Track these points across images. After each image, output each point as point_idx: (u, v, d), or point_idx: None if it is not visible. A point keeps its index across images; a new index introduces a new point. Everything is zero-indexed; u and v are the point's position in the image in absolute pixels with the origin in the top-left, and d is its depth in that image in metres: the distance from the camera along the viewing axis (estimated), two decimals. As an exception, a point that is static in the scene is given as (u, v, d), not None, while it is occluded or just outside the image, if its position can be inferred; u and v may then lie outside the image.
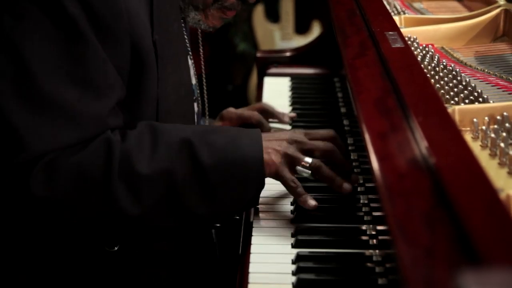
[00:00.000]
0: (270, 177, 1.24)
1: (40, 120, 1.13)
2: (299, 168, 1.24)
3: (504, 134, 1.08)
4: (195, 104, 1.48)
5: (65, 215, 1.17)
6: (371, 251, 1.14)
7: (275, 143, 1.25)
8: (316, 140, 1.29)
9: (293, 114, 1.73)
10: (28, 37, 1.14)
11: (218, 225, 1.44)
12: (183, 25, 1.40)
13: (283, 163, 1.24)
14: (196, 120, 1.47)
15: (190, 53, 1.46)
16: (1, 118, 1.13)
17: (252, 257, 1.16)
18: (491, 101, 1.21)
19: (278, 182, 1.26)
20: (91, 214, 1.17)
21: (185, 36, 1.42)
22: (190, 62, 1.46)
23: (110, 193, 1.15)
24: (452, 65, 1.41)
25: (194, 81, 1.48)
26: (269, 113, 1.69)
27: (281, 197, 1.33)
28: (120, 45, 1.20)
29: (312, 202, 1.22)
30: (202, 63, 1.60)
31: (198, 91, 1.53)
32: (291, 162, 1.24)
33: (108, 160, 1.15)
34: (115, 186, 1.14)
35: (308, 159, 1.25)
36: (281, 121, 1.70)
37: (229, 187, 1.20)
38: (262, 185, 1.23)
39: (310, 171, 1.24)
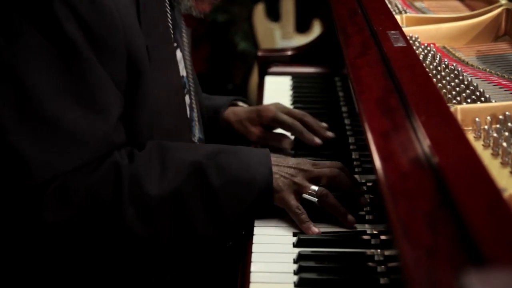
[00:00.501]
0: (275, 202, 1.24)
1: (46, 144, 1.13)
2: (305, 196, 1.24)
3: (506, 133, 1.08)
4: (187, 96, 1.47)
5: (75, 238, 1.18)
6: (372, 250, 1.14)
7: (284, 169, 1.25)
8: (323, 168, 1.27)
9: (331, 134, 1.56)
10: (25, 58, 1.12)
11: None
12: (169, 14, 1.37)
13: (290, 190, 1.24)
14: (188, 112, 1.46)
15: (179, 46, 1.44)
16: (7, 144, 1.12)
17: (254, 256, 1.16)
18: (493, 101, 1.21)
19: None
20: (100, 237, 1.18)
21: (178, 28, 1.38)
22: (179, 55, 1.44)
23: (120, 216, 1.15)
24: (454, 64, 1.40)
25: (184, 73, 1.46)
26: (308, 127, 1.55)
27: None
28: (117, 59, 1.19)
29: (314, 230, 1.21)
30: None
31: (191, 83, 1.50)
32: (298, 189, 1.24)
33: (117, 185, 1.15)
34: (125, 209, 1.15)
35: (315, 187, 1.24)
36: (317, 137, 1.53)
37: (237, 210, 1.22)
38: (269, 208, 1.24)
39: (316, 199, 1.24)
